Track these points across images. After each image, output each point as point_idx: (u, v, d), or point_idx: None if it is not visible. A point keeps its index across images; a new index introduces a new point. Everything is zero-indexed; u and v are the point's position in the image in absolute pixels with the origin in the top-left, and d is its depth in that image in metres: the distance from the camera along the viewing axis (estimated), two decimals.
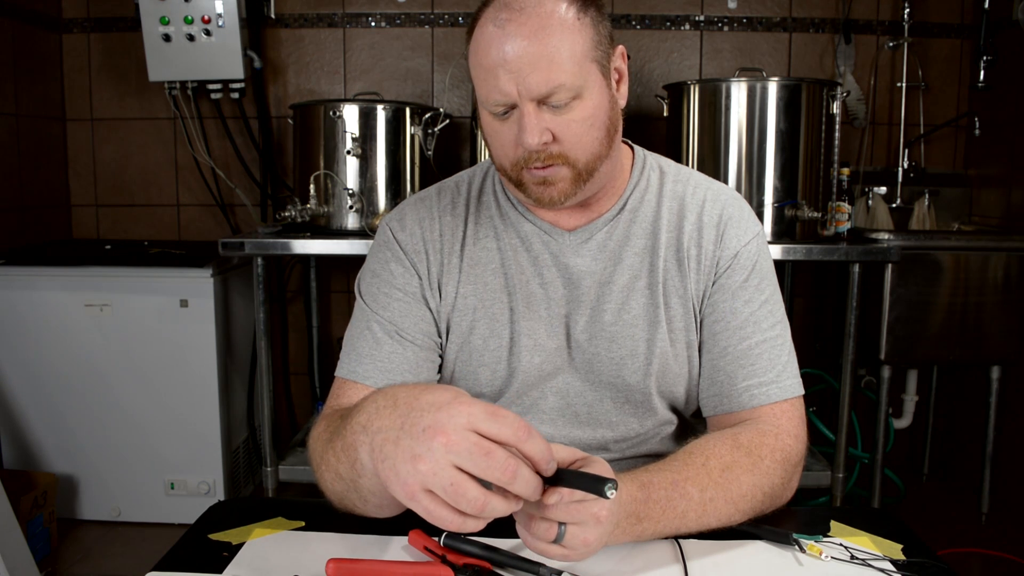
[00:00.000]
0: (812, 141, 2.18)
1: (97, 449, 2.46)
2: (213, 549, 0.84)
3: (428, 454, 0.64)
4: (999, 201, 2.68)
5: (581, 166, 0.94)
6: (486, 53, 0.90)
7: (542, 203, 0.97)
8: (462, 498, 0.63)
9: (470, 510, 0.64)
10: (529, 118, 0.90)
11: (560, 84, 0.89)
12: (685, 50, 2.80)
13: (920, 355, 2.38)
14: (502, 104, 0.91)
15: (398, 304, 1.03)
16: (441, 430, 0.64)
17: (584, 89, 0.91)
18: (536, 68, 0.88)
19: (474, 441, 0.64)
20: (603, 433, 1.05)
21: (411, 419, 0.66)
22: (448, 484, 0.63)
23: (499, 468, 0.63)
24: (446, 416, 0.65)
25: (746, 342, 1.01)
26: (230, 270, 2.53)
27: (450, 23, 2.79)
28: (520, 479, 0.64)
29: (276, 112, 2.83)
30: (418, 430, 0.65)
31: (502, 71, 0.89)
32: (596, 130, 0.94)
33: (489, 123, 0.95)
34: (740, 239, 1.04)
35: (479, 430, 0.64)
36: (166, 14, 2.53)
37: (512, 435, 0.65)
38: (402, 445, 0.66)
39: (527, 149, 0.91)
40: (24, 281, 2.40)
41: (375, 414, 0.71)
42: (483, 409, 0.65)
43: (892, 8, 2.75)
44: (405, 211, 1.08)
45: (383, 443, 0.68)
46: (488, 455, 0.63)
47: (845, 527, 0.91)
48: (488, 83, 0.91)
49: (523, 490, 0.65)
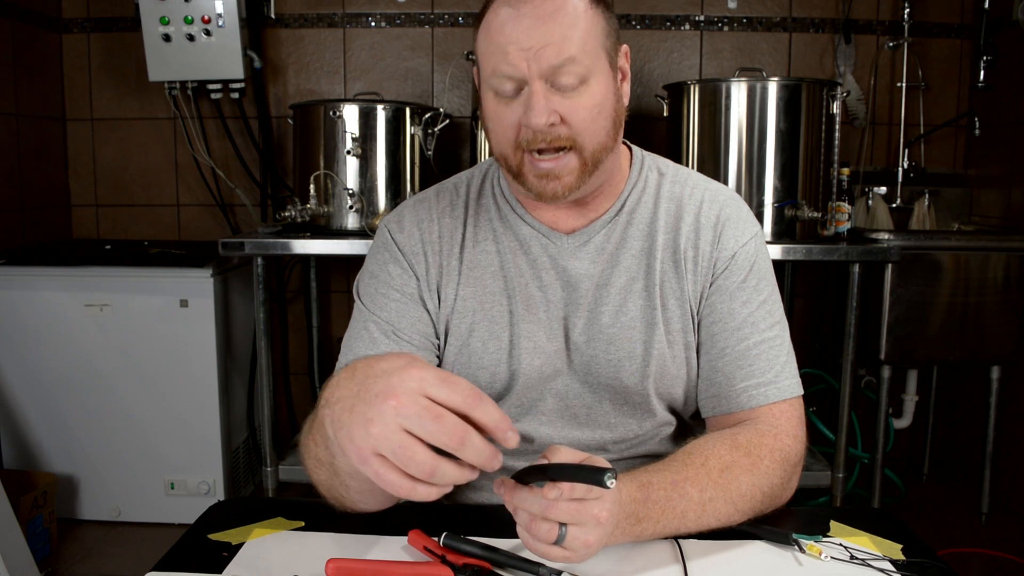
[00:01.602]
0: (812, 141, 2.18)
1: (97, 449, 2.46)
2: (213, 549, 0.84)
3: (379, 418, 0.64)
4: (999, 201, 2.68)
5: (588, 154, 0.94)
6: (499, 31, 0.90)
7: (543, 197, 0.96)
8: (411, 461, 0.63)
9: (419, 474, 0.64)
10: (537, 96, 0.90)
11: (571, 57, 0.89)
12: (685, 50, 2.80)
13: (920, 355, 2.38)
14: (510, 79, 0.91)
15: (395, 305, 1.03)
16: (392, 394, 0.64)
17: (592, 74, 0.92)
18: (548, 44, 0.89)
19: (424, 405, 0.63)
20: (602, 434, 1.05)
21: (366, 385, 0.67)
22: (397, 447, 0.63)
23: (447, 433, 0.63)
24: (398, 380, 0.65)
25: (744, 343, 1.01)
26: (230, 270, 2.53)
27: (450, 23, 2.79)
28: (470, 445, 0.64)
29: (276, 112, 2.83)
30: (371, 395, 0.65)
31: (513, 47, 0.89)
32: (604, 119, 0.94)
33: (492, 107, 0.95)
34: (738, 240, 1.03)
35: (430, 395, 0.64)
36: (166, 14, 2.53)
37: (462, 400, 0.65)
38: (356, 411, 0.66)
39: (533, 129, 0.91)
40: (24, 281, 2.40)
41: (336, 387, 0.71)
42: (435, 375, 0.65)
43: (892, 8, 2.75)
44: (404, 212, 1.08)
45: (340, 412, 0.68)
46: (437, 419, 0.63)
47: (845, 527, 0.91)
48: (497, 58, 0.91)
49: (473, 457, 0.64)
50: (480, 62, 0.95)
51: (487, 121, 0.97)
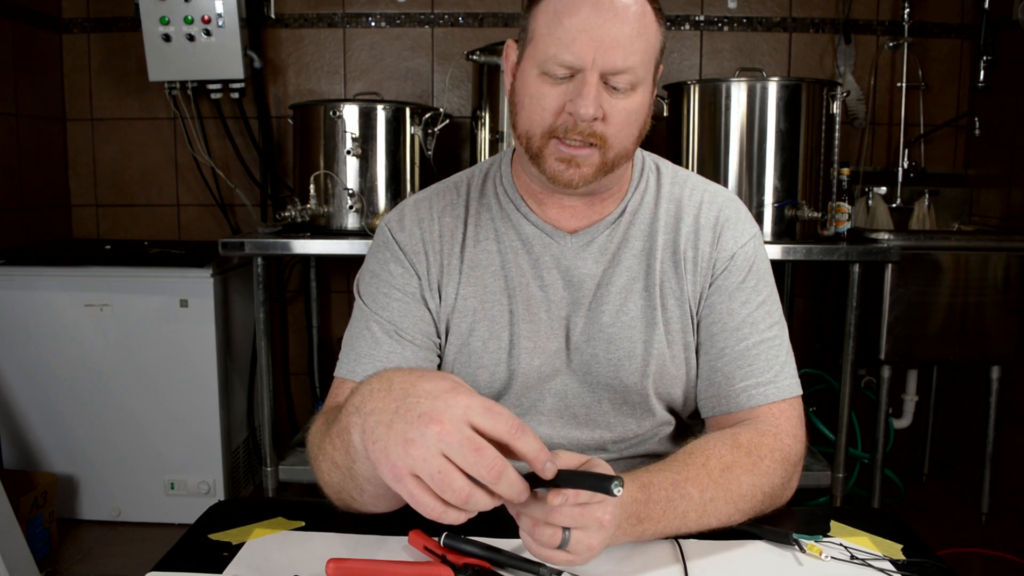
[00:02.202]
0: (812, 141, 2.18)
1: (97, 449, 2.46)
2: (213, 549, 0.84)
3: (420, 440, 0.64)
4: (999, 201, 2.68)
5: (611, 155, 0.95)
6: (571, 14, 0.90)
7: (558, 182, 0.95)
8: (448, 488, 0.64)
9: (454, 500, 0.64)
10: (591, 87, 0.90)
11: (632, 67, 0.91)
12: (685, 50, 2.80)
13: (920, 355, 2.38)
14: (568, 67, 0.91)
15: (397, 304, 1.03)
16: (437, 419, 0.64)
17: (641, 84, 0.93)
18: (618, 45, 0.89)
19: (467, 435, 0.64)
20: (601, 434, 1.05)
21: (407, 404, 0.67)
22: (436, 472, 0.64)
23: (486, 466, 0.64)
24: (443, 405, 0.65)
25: (744, 343, 1.01)
26: (230, 270, 2.53)
27: (450, 23, 2.79)
28: (505, 480, 0.64)
29: (276, 112, 2.83)
30: (413, 415, 0.65)
31: (585, 35, 0.89)
32: (635, 127, 0.96)
33: (535, 84, 0.93)
34: (737, 240, 1.04)
35: (474, 423, 0.65)
36: (166, 14, 2.53)
37: (506, 432, 0.65)
38: (395, 428, 0.66)
39: (579, 118, 0.91)
40: (24, 281, 2.40)
41: (369, 396, 0.71)
42: (480, 403, 0.66)
43: (892, 8, 2.75)
44: (404, 211, 1.08)
45: (375, 425, 0.68)
46: (478, 451, 0.64)
47: (845, 527, 0.91)
48: (563, 41, 0.90)
49: (506, 491, 0.65)
50: (536, 38, 0.93)
51: (523, 97, 0.95)
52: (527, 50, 0.95)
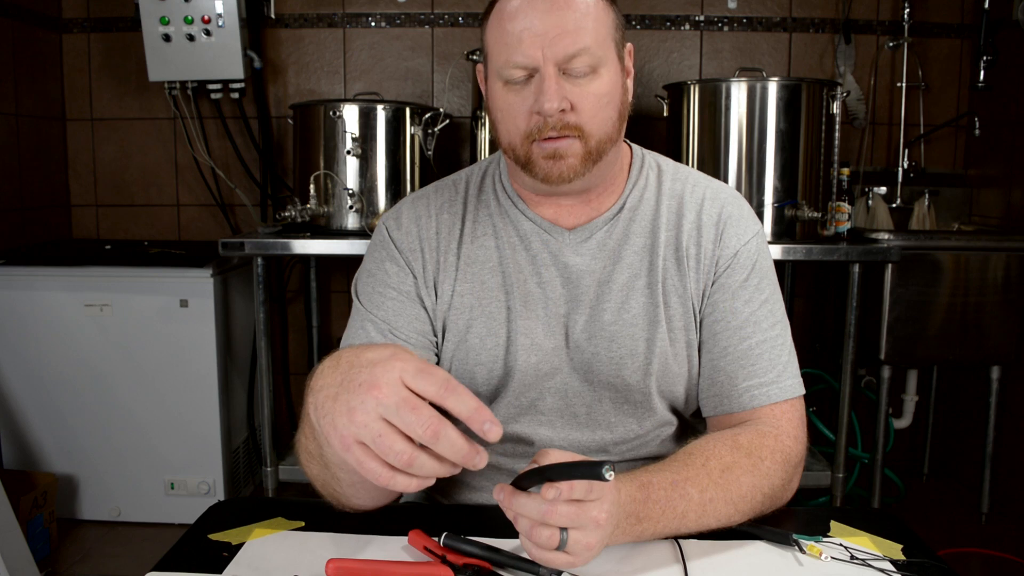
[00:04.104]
0: (812, 141, 2.18)
1: (97, 449, 2.46)
2: (213, 549, 0.84)
3: (361, 407, 0.65)
4: (999, 201, 2.68)
5: (593, 143, 0.95)
6: (512, 19, 0.92)
7: (551, 179, 0.96)
8: (389, 450, 0.64)
9: (397, 463, 0.65)
10: (550, 81, 0.91)
11: (584, 47, 0.91)
12: (685, 50, 2.80)
13: (920, 355, 2.38)
14: (523, 68, 0.92)
15: (392, 303, 1.03)
16: (376, 384, 0.65)
17: (602, 64, 0.93)
18: (563, 32, 0.90)
19: (403, 396, 0.65)
20: (602, 435, 1.05)
21: (350, 375, 0.68)
22: (376, 435, 0.64)
23: (422, 425, 0.64)
24: (381, 371, 0.66)
25: (746, 342, 1.00)
26: (230, 270, 2.53)
27: (450, 23, 2.79)
28: (444, 439, 0.64)
29: (276, 112, 2.83)
30: (355, 384, 0.66)
31: (528, 35, 0.91)
32: (611, 109, 0.96)
33: (502, 97, 0.95)
34: (740, 238, 1.03)
35: (408, 385, 0.65)
36: (166, 14, 2.53)
37: (435, 391, 0.65)
38: (340, 400, 0.67)
39: (545, 114, 0.92)
40: (24, 281, 2.40)
41: (320, 375, 0.72)
42: (414, 365, 0.66)
43: (892, 8, 2.75)
44: (402, 210, 1.09)
45: (324, 400, 0.69)
46: (414, 410, 0.64)
47: (845, 527, 0.91)
48: (511, 47, 0.92)
49: (447, 451, 0.65)
50: (490, 52, 0.96)
51: (495, 112, 0.98)
52: (488, 67, 0.98)
